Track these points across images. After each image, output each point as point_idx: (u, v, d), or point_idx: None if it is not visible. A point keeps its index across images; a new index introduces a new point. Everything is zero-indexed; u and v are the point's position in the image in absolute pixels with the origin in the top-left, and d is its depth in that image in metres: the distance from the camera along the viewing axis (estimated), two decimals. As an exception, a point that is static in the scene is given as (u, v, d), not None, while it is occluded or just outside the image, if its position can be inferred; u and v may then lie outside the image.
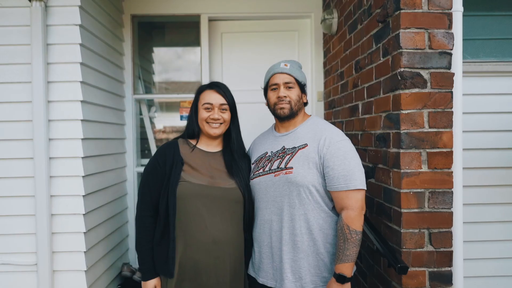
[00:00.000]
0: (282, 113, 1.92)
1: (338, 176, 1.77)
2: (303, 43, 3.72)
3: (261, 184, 1.92)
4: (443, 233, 1.93)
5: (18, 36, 2.47)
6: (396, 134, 1.95)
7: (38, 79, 2.42)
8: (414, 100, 1.89)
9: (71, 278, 2.53)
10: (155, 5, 3.51)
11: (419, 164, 1.91)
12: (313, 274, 1.82)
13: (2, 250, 2.50)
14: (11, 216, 2.50)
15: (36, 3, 2.40)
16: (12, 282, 2.51)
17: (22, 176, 2.48)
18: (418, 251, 1.92)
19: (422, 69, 1.89)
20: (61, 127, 2.50)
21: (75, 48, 2.50)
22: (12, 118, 2.47)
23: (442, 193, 1.92)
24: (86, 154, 2.54)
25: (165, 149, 1.94)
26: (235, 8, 3.56)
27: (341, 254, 1.73)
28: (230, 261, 1.88)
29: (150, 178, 1.90)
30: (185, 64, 3.84)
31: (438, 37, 1.89)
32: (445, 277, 1.93)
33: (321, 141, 1.83)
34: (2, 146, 2.48)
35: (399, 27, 1.88)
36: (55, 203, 2.50)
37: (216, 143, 2.01)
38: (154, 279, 1.88)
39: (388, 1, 1.98)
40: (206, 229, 1.82)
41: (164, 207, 1.84)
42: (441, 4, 1.88)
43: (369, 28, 2.31)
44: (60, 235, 2.51)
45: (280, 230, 1.85)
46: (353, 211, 1.75)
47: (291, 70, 1.94)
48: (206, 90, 1.97)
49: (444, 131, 1.91)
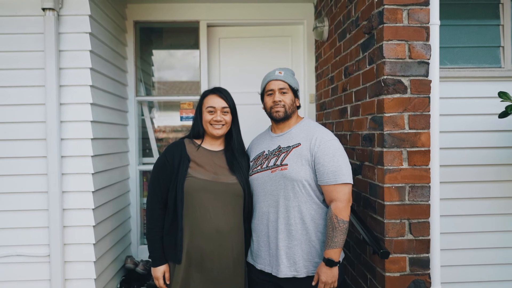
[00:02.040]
0: (278, 115, 2.13)
1: (328, 171, 1.98)
2: (296, 48, 3.94)
3: (259, 179, 2.13)
4: (422, 223, 2.16)
5: (33, 43, 2.64)
6: (380, 135, 2.17)
7: (51, 83, 2.60)
8: (396, 104, 2.12)
9: (82, 268, 2.71)
10: (156, 12, 3.71)
11: (400, 161, 2.14)
12: (306, 259, 2.03)
13: (17, 242, 2.68)
14: (25, 210, 2.67)
15: (49, 13, 2.58)
16: (27, 272, 2.68)
17: (36, 174, 2.65)
18: (400, 239, 2.15)
19: (403, 76, 2.12)
20: (72, 127, 2.68)
21: (85, 54, 2.68)
22: (27, 119, 2.65)
23: (420, 187, 2.15)
24: (95, 153, 2.73)
25: (173, 148, 2.14)
26: (232, 15, 3.77)
27: (330, 241, 1.95)
28: (232, 248, 2.08)
29: (160, 174, 2.10)
30: (185, 67, 4.03)
31: (417, 48, 2.12)
32: (423, 262, 2.16)
33: (313, 141, 2.04)
34: (17, 145, 2.65)
35: (382, 39, 2.11)
36: (66, 199, 2.67)
37: (218, 142, 2.21)
38: (163, 265, 2.08)
39: (373, 15, 2.21)
40: (211, 220, 2.03)
41: (172, 200, 2.05)
42: (420, 19, 2.11)
43: (356, 38, 2.54)
44: (71, 229, 2.69)
45: (276, 221, 2.05)
46: (341, 203, 1.96)
47: (285, 77, 2.15)
48: (209, 95, 2.17)
49: (422, 132, 2.14)
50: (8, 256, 2.67)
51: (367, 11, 2.31)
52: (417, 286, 2.15)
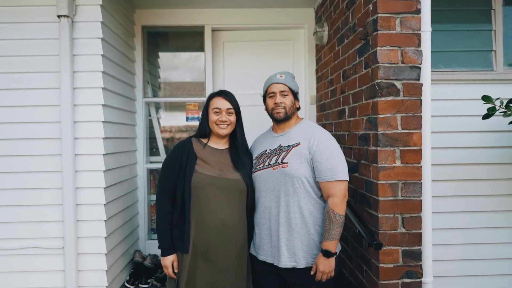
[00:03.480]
0: (279, 116, 2.28)
1: (325, 169, 2.12)
2: (297, 51, 4.08)
3: (262, 176, 2.28)
4: (414, 217, 2.30)
5: (48, 47, 2.81)
6: (375, 135, 2.32)
7: (66, 85, 2.76)
8: (389, 106, 2.27)
9: (94, 260, 2.88)
10: (163, 17, 3.87)
11: (394, 159, 2.28)
12: (305, 251, 2.17)
13: (34, 235, 2.85)
14: (41, 205, 2.84)
15: (64, 19, 2.75)
16: (42, 264, 2.86)
17: (51, 171, 2.82)
18: (393, 232, 2.29)
19: (396, 80, 2.27)
20: (85, 127, 2.84)
21: (97, 58, 2.85)
22: (43, 119, 2.82)
23: (412, 184, 2.29)
24: (106, 151, 2.89)
25: (181, 146, 2.29)
26: (235, 20, 3.93)
27: (327, 233, 2.09)
28: (235, 240, 2.23)
29: (169, 170, 2.25)
30: (190, 69, 4.18)
31: (409, 54, 2.26)
32: (415, 254, 2.31)
33: (311, 140, 2.18)
34: (34, 144, 2.82)
35: (376, 45, 2.26)
36: (79, 194, 2.84)
37: (223, 141, 2.36)
38: (172, 255, 2.24)
39: (368, 22, 2.36)
40: (216, 213, 2.18)
41: (181, 194, 2.20)
42: (412, 26, 2.26)
43: (353, 43, 2.68)
44: (84, 223, 2.85)
45: (277, 215, 2.20)
46: (337, 198, 2.10)
47: (286, 80, 2.30)
48: (215, 97, 2.33)
49: (414, 132, 2.28)
50: (25, 248, 2.84)
51: (363, 19, 2.46)
52: (410, 276, 2.30)
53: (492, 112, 2.52)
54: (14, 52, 2.81)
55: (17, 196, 2.83)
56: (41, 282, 2.86)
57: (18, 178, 2.83)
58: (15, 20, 2.81)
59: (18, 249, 2.84)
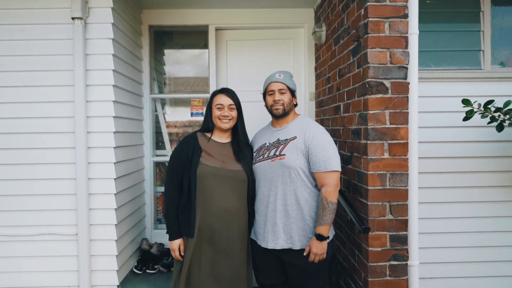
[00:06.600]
0: (277, 112, 2.47)
1: (319, 161, 2.32)
2: (297, 50, 4.26)
3: (261, 167, 2.47)
4: (401, 205, 2.50)
5: (63, 47, 3.01)
6: (365, 129, 2.51)
7: (79, 83, 2.97)
8: (379, 103, 2.46)
9: (105, 246, 3.09)
10: (169, 17, 4.06)
11: (382, 152, 2.47)
12: (300, 235, 2.37)
13: (49, 222, 3.07)
14: (56, 195, 3.06)
15: (77, 21, 2.94)
16: (57, 249, 3.08)
17: (66, 162, 3.03)
18: (381, 219, 2.49)
19: (385, 79, 2.45)
20: (97, 122, 3.04)
21: (108, 57, 3.04)
22: (57, 115, 3.03)
23: (399, 174, 2.49)
24: (117, 144, 3.09)
25: (188, 140, 2.49)
26: (238, 19, 4.12)
27: (321, 219, 2.29)
28: (237, 225, 2.43)
29: (176, 161, 2.45)
30: (194, 66, 4.36)
31: (397, 55, 2.45)
32: (402, 239, 2.51)
33: (307, 134, 2.37)
34: (50, 138, 3.04)
35: (367, 47, 2.44)
36: (92, 185, 3.05)
37: (226, 135, 2.56)
38: (178, 239, 2.44)
39: (360, 26, 2.54)
40: (219, 201, 2.38)
41: (187, 184, 2.40)
42: (400, 30, 2.44)
43: (348, 44, 2.87)
44: (96, 211, 3.06)
45: (275, 202, 2.39)
46: (330, 187, 2.30)
47: (284, 79, 2.49)
48: (218, 94, 2.52)
49: (402, 127, 2.47)
50: (41, 235, 3.06)
51: (356, 22, 2.65)
52: (396, 259, 2.50)
53: (471, 115, 2.72)
54: (32, 51, 3.01)
55: (34, 186, 3.05)
56: (56, 266, 3.09)
57: (35, 169, 3.04)
58: (33, 21, 3.01)
59: (35, 235, 3.06)
